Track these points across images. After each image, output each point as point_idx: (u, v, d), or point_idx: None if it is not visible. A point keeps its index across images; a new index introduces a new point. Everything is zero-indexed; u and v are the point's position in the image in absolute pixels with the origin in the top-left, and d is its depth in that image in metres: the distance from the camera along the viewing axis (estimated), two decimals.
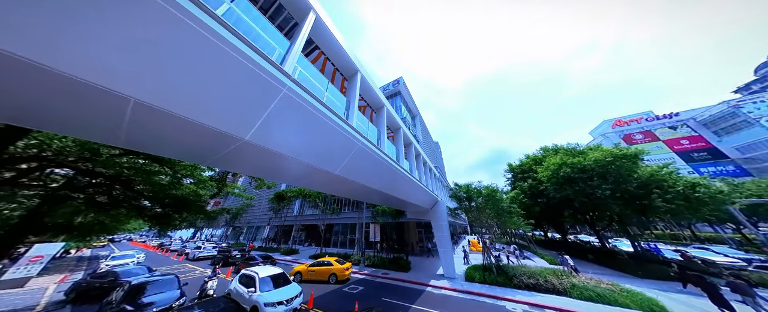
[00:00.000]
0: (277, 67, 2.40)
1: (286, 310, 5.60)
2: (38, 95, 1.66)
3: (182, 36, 1.69)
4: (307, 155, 3.59)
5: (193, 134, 2.38)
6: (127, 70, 1.65)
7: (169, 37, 1.66)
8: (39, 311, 6.89)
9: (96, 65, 1.56)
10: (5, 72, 1.44)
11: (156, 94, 1.84)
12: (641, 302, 6.34)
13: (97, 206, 4.99)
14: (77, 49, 1.46)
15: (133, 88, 1.73)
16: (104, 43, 1.51)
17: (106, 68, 1.59)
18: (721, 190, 9.54)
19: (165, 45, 1.68)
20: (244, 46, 2.03)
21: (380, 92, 6.77)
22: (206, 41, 1.79)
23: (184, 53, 1.77)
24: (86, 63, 1.53)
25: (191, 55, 1.81)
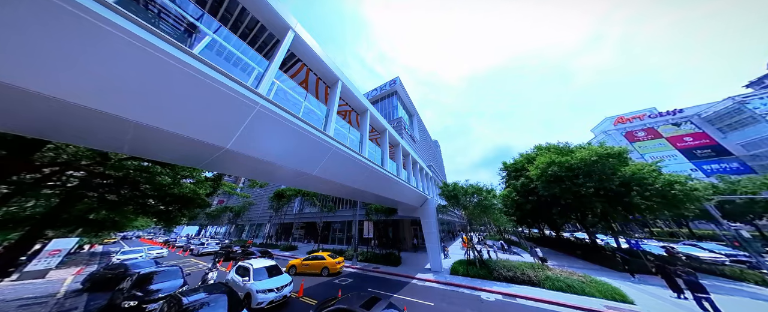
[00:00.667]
0: (250, 89, 2.91)
1: (275, 296, 6.23)
2: (62, 118, 2.22)
3: (170, 73, 2.21)
4: (284, 159, 4.13)
5: (184, 144, 2.93)
6: (127, 100, 2.19)
7: (160, 75, 2.18)
8: (59, 298, 7.69)
9: (103, 98, 2.10)
10: (45, 104, 1.99)
11: (150, 116, 2.38)
12: (606, 291, 6.80)
13: (108, 204, 5.65)
14: (90, 87, 2.00)
15: (132, 113, 2.27)
16: (107, 84, 2.05)
17: (111, 100, 2.13)
18: (695, 187, 9.79)
19: (156, 81, 2.21)
20: (219, 75, 2.55)
21: (363, 98, 7.24)
22: (187, 75, 2.32)
23: (170, 84, 2.30)
24: (96, 96, 2.07)
25: (176, 85, 2.34)
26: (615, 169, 11.50)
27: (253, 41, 4.83)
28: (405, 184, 9.46)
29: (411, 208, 12.81)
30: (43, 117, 2.13)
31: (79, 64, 1.85)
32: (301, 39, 4.78)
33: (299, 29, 4.67)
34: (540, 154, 18.61)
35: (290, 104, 4.27)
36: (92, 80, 1.97)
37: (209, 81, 2.45)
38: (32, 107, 1.97)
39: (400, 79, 30.74)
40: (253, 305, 5.90)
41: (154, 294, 6.02)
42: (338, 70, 6.00)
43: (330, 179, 5.58)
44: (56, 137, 2.64)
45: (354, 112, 7.76)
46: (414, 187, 10.74)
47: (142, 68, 2.09)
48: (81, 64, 1.86)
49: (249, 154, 3.48)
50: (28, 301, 7.28)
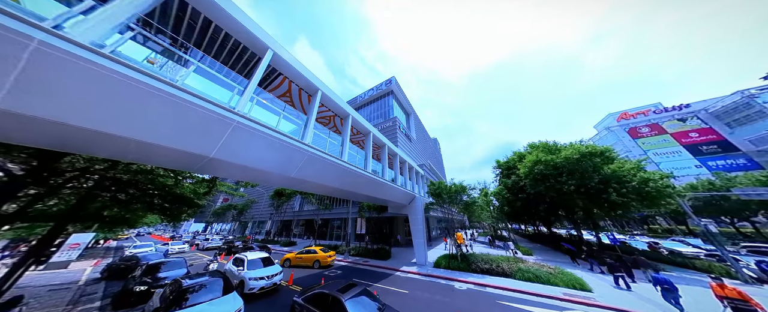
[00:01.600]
0: (226, 109, 3.56)
1: (266, 283, 7.02)
2: (81, 136, 2.91)
3: (159, 101, 2.87)
4: (263, 164, 4.80)
5: (175, 153, 3.61)
6: (127, 123, 2.87)
7: (151, 103, 2.84)
8: (81, 285, 8.72)
9: (110, 123, 2.77)
10: (69, 129, 2.67)
11: (146, 135, 3.05)
12: (569, 281, 7.35)
13: (119, 202, 6.48)
14: (101, 115, 2.68)
15: (132, 133, 2.95)
16: (113, 112, 2.72)
17: (116, 124, 2.81)
18: (668, 185, 10.06)
19: (149, 108, 2.87)
20: (198, 99, 3.19)
21: (344, 103, 7.82)
22: (172, 102, 2.96)
23: (160, 110, 2.96)
24: (105, 122, 2.74)
25: (164, 110, 2.99)
26: (596, 167, 11.81)
27: (237, 60, 5.46)
28: (389, 184, 10.07)
29: (400, 206, 13.45)
30: (67, 136, 2.82)
31: (91, 100, 2.52)
32: (280, 56, 5.39)
33: (277, 48, 5.28)
34: (530, 152, 18.92)
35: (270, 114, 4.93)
36: (102, 111, 2.64)
37: (190, 105, 3.10)
38: (62, 130, 2.66)
39: (396, 78, 31.05)
40: (245, 291, 6.69)
41: (161, 280, 6.88)
42: (318, 80, 6.59)
43: (310, 180, 6.25)
44: (78, 150, 3.37)
45: (338, 117, 8.37)
46: (400, 187, 11.33)
47: (137, 100, 2.75)
48: (91, 100, 2.53)
49: (231, 160, 4.16)
50: (55, 287, 8.33)
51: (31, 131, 2.60)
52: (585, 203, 11.85)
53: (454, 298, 6.75)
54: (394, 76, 30.77)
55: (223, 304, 4.77)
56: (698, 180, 23.41)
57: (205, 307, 4.50)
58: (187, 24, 4.47)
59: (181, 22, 4.43)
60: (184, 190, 7.18)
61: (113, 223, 7.96)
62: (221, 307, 4.64)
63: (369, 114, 31.47)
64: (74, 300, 6.88)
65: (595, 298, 6.44)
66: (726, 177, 21.03)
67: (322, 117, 8.54)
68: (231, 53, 5.34)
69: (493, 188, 22.19)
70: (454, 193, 11.39)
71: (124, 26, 3.41)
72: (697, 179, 23.54)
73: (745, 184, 18.68)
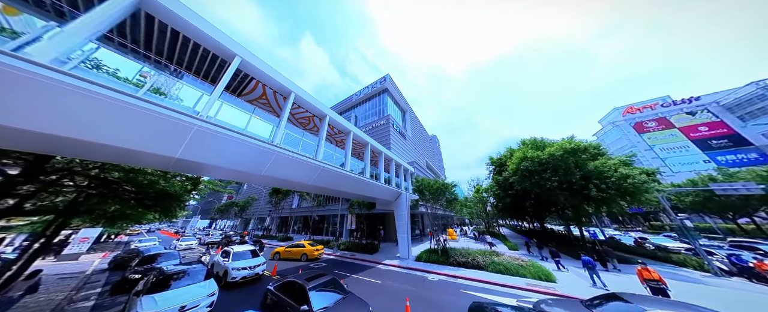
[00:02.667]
0: (187, 114, 3.95)
1: (248, 273, 7.61)
2: (64, 143, 3.37)
3: (124, 110, 3.28)
4: (233, 163, 5.23)
5: (149, 155, 4.06)
6: (100, 131, 3.30)
7: (118, 113, 3.26)
8: (87, 274, 9.57)
9: (85, 132, 3.21)
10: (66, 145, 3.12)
11: (121, 140, 3.49)
12: (536, 273, 7.63)
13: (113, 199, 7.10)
14: (73, 125, 3.11)
15: (110, 140, 3.39)
16: (84, 123, 3.15)
17: (89, 132, 3.24)
18: (644, 180, 10.03)
19: (115, 117, 3.29)
20: (154, 106, 3.57)
21: (320, 104, 8.15)
22: (128, 109, 3.38)
23: (126, 118, 3.38)
24: (80, 131, 3.18)
25: (129, 118, 3.41)
26: (579, 163, 11.83)
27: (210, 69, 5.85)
28: (371, 182, 10.43)
29: (387, 203, 13.82)
30: (49, 142, 3.27)
31: (49, 110, 2.95)
32: (249, 62, 5.75)
33: (245, 54, 5.63)
34: (520, 149, 18.86)
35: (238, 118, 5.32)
36: (60, 118, 3.06)
37: (145, 111, 3.50)
38: (33, 137, 3.11)
39: (391, 76, 31.03)
40: (228, 279, 7.28)
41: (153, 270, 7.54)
42: (290, 82, 6.93)
43: (285, 178, 6.68)
44: (64, 153, 3.86)
45: (317, 117, 8.73)
46: (383, 184, 11.69)
47: (104, 111, 3.17)
48: (49, 110, 2.96)
49: (199, 161, 4.60)
50: (64, 276, 9.19)
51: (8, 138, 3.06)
52: (567, 199, 11.94)
53: (422, 288, 7.15)
54: (388, 74, 30.76)
55: (200, 288, 5.32)
56: (699, 175, 22.84)
57: (181, 291, 5.04)
58: (157, 36, 4.86)
59: (151, 35, 4.83)
60: (173, 188, 7.73)
61: (114, 219, 8.65)
62: (196, 290, 5.20)
63: (365, 112, 31.71)
64: (78, 286, 7.65)
65: (556, 287, 6.72)
66: (727, 173, 20.46)
67: (302, 118, 8.92)
68: (202, 62, 5.73)
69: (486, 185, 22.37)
70: (435, 190, 11.67)
71: (95, 39, 3.80)
72: (698, 175, 22.95)
73: (745, 179, 18.16)
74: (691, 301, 3.65)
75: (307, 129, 9.71)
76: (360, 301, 4.69)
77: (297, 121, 9.14)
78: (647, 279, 5.25)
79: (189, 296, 4.95)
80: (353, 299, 4.77)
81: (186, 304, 4.74)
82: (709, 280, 7.49)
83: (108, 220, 8.85)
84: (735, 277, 7.70)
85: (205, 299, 5.13)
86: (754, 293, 6.43)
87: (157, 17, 4.40)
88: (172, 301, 4.66)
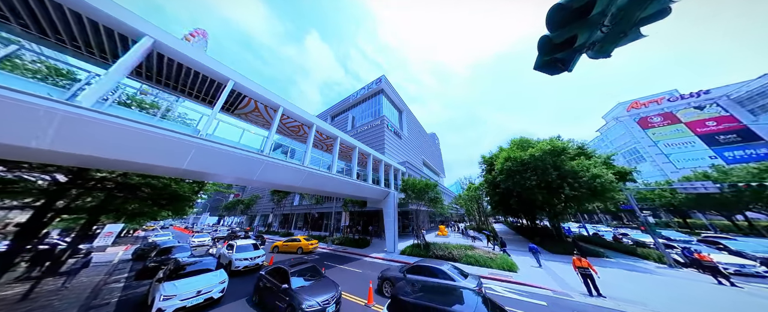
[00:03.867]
0: (190, 135, 5.01)
1: (249, 263, 8.85)
2: (97, 161, 4.49)
3: (140, 134, 4.35)
4: (227, 171, 6.30)
5: (162, 167, 5.17)
6: (132, 153, 4.39)
7: (135, 137, 4.33)
8: (115, 263, 11.12)
9: (114, 152, 4.31)
10: (97, 161, 4.23)
11: (140, 157, 4.58)
12: (502, 263, 8.54)
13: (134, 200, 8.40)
14: (104, 149, 4.20)
15: (132, 157, 4.48)
16: (113, 146, 4.24)
17: (117, 152, 4.34)
18: (612, 180, 10.57)
19: (133, 139, 4.37)
20: (162, 130, 4.63)
21: (307, 114, 9.11)
22: (153, 135, 4.45)
23: (142, 140, 4.45)
24: (112, 152, 4.28)
25: (143, 140, 4.49)
26: (557, 164, 12.42)
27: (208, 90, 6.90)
28: (358, 183, 11.43)
29: (376, 201, 14.86)
30: (89, 160, 4.39)
31: (102, 140, 4.04)
32: (240, 83, 6.76)
33: (237, 77, 6.63)
34: (506, 149, 19.41)
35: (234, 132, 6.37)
36: (108, 145, 4.15)
37: (157, 134, 4.56)
38: (85, 158, 4.22)
39: (387, 77, 31.58)
40: (232, 268, 8.54)
41: (168, 260, 8.87)
42: (278, 97, 7.92)
43: (275, 182, 7.76)
44: (97, 167, 5.01)
45: (305, 126, 9.73)
46: (369, 184, 12.68)
47: (128, 136, 4.25)
48: (101, 140, 4.05)
49: (200, 170, 5.69)
50: (96, 264, 10.75)
51: (64, 159, 4.19)
52: (544, 197, 12.62)
53: None
54: (383, 75, 31.33)
55: (213, 276, 6.20)
56: (694, 172, 22.75)
57: (197, 278, 5.92)
58: (166, 69, 5.93)
59: (161, 68, 5.90)
60: (183, 190, 8.99)
61: (133, 216, 10.06)
62: (210, 278, 6.08)
63: (362, 112, 32.56)
64: (110, 272, 9.10)
65: (513, 276, 7.62)
66: (722, 170, 20.40)
67: (292, 127, 9.94)
68: (202, 86, 6.78)
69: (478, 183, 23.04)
70: (419, 190, 12.58)
71: (123, 78, 4.87)
72: (694, 172, 22.84)
73: (738, 176, 18.17)
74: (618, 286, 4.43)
75: (298, 136, 10.73)
76: (332, 283, 5.75)
77: (288, 130, 10.16)
78: (579, 266, 6.07)
79: (204, 283, 5.76)
80: (326, 281, 5.83)
81: (201, 289, 5.58)
82: (660, 271, 8.20)
83: (129, 216, 10.31)
84: (688, 269, 8.35)
85: (218, 285, 5.95)
86: (682, 279, 7.19)
87: (166, 55, 5.44)
88: (189, 287, 5.47)
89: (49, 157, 4.07)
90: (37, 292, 6.38)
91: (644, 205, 27.66)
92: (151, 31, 4.93)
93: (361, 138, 28.52)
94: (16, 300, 5.79)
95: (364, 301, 5.89)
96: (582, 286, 6.11)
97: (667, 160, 40.76)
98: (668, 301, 5.60)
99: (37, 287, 6.50)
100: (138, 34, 4.81)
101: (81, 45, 5.21)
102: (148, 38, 4.87)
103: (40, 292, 6.46)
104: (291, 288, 5.10)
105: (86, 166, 4.83)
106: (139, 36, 4.83)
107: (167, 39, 5.17)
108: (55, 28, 4.77)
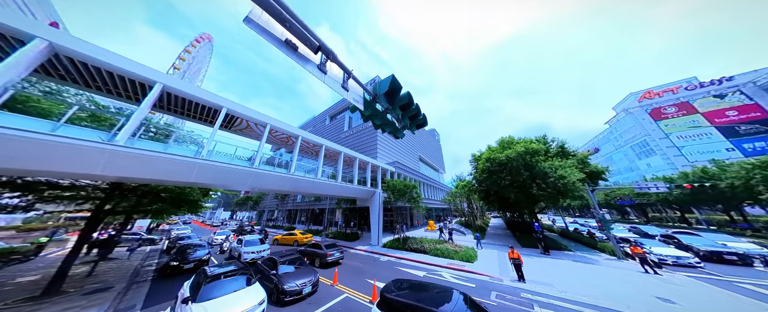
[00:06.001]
0: (190, 158, 6.59)
1: (256, 255, 10.71)
2: (133, 178, 6.19)
3: (155, 159, 5.97)
4: (225, 181, 7.93)
5: (176, 181, 6.85)
6: (153, 172, 6.05)
7: (149, 161, 5.95)
8: (146, 251, 13.56)
9: (140, 172, 5.97)
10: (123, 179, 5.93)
11: (159, 174, 6.24)
12: (463, 255, 9.80)
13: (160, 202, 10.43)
14: (140, 171, 5.86)
15: (154, 175, 6.15)
16: (141, 170, 5.88)
17: (143, 172, 6.00)
18: (573, 181, 11.21)
19: (147, 162, 6.00)
20: (179, 156, 6.24)
21: (292, 128, 10.55)
22: (167, 159, 6.05)
23: (161, 163, 6.08)
24: (141, 173, 5.94)
25: (162, 163, 6.11)
26: (529, 164, 13.18)
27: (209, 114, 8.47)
28: (342, 185, 12.89)
29: (364, 199, 16.39)
30: (121, 179, 6.10)
31: (131, 166, 5.69)
32: (232, 109, 8.26)
33: (229, 104, 8.13)
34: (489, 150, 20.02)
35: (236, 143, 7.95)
36: (135, 168, 5.81)
37: (169, 158, 6.17)
38: (120, 177, 5.92)
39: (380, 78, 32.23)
40: (241, 259, 10.44)
41: (187, 259, 10.08)
42: (265, 116, 9.38)
43: (267, 188, 9.38)
44: (128, 181, 6.78)
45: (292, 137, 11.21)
46: (355, 185, 14.13)
47: (149, 161, 5.88)
48: (130, 166, 5.70)
49: (204, 181, 7.34)
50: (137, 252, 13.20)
51: (105, 178, 5.92)
52: (516, 195, 13.52)
53: (368, 265, 9.71)
54: (377, 75, 32.01)
55: (248, 294, 5.03)
56: (693, 167, 22.24)
57: (230, 298, 4.79)
58: (174, 102, 7.52)
59: (171, 102, 7.50)
60: (193, 195, 10.93)
61: (157, 213, 12.25)
62: (245, 296, 4.91)
63: (357, 113, 33.77)
64: (144, 258, 11.38)
65: (466, 266, 8.89)
66: (721, 165, 19.95)
67: (281, 138, 11.45)
68: (203, 112, 8.36)
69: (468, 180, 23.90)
70: (399, 190, 13.89)
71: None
72: (693, 167, 22.30)
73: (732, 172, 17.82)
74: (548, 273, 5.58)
75: (288, 146, 12.27)
76: (312, 270, 7.27)
77: (278, 141, 11.70)
78: (511, 257, 7.23)
79: (239, 304, 4.61)
80: (307, 269, 7.36)
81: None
82: (606, 262, 9.13)
83: (154, 214, 12.51)
84: (633, 260, 9.21)
85: (257, 308, 4.74)
86: (615, 268, 8.16)
87: (172, 93, 6.99)
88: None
89: (96, 178, 5.80)
90: (96, 271, 8.55)
91: (644, 200, 27.32)
92: (161, 78, 6.46)
93: (356, 138, 29.88)
94: (85, 275, 7.94)
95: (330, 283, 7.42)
96: (514, 273, 7.31)
97: (679, 153, 38.93)
98: (576, 283, 6.70)
99: (96, 268, 8.67)
100: (152, 81, 6.35)
101: (113, 90, 6.85)
102: (159, 84, 6.40)
103: (98, 271, 8.63)
104: (278, 273, 6.67)
105: (120, 181, 6.59)
106: (153, 83, 6.37)
107: (173, 82, 6.69)
108: (95, 79, 6.40)
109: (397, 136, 3.34)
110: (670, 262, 8.56)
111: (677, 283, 6.74)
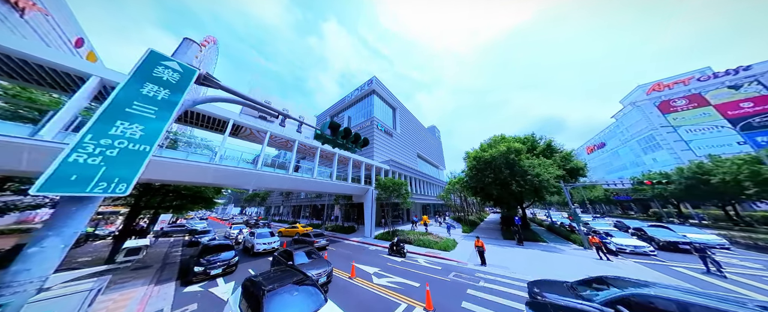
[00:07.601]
0: (204, 164, 8.09)
1: (267, 246, 12.20)
2: (157, 179, 7.76)
3: (181, 166, 7.48)
4: (234, 181, 9.45)
5: (195, 182, 8.40)
6: (178, 176, 7.60)
7: (176, 167, 7.47)
8: (170, 241, 15.67)
9: (162, 175, 7.52)
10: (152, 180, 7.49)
11: (182, 177, 7.78)
12: (443, 245, 11.02)
13: (181, 198, 12.24)
14: (161, 175, 7.41)
15: (178, 178, 7.69)
16: (162, 173, 7.42)
17: (170, 176, 7.54)
18: (547, 179, 11.99)
19: (176, 168, 7.52)
20: (196, 162, 7.73)
21: (289, 133, 11.95)
22: (188, 164, 7.56)
23: (184, 168, 7.60)
24: (168, 176, 7.48)
25: (184, 168, 7.62)
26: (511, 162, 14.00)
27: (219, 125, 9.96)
28: (337, 183, 14.30)
29: (358, 196, 17.82)
30: (153, 179, 7.68)
31: (162, 171, 7.23)
32: (237, 120, 9.69)
33: (234, 116, 9.55)
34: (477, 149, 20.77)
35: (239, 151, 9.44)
36: (164, 172, 7.35)
37: (189, 164, 7.66)
38: (151, 179, 7.49)
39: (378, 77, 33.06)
40: (254, 251, 12.06)
41: (214, 263, 10.92)
42: (266, 123, 10.79)
43: (269, 186, 10.89)
44: (156, 182, 8.39)
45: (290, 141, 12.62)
46: (349, 183, 15.50)
47: (175, 167, 7.41)
48: (161, 171, 7.24)
49: (217, 182, 8.87)
50: (157, 242, 15.33)
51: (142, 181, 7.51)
52: (499, 192, 14.47)
53: (357, 253, 11.13)
54: (374, 76, 32.83)
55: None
56: (690, 162, 22.12)
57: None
58: (192, 117, 9.01)
59: (188, 117, 8.98)
60: (208, 192, 12.67)
61: (178, 208, 14.18)
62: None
63: (356, 112, 34.87)
64: (170, 247, 13.38)
65: (442, 254, 10.13)
66: (717, 159, 19.88)
67: (281, 142, 12.89)
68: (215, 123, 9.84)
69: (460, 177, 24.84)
70: (388, 188, 15.15)
71: None
72: (689, 162, 22.15)
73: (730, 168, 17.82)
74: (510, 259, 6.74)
75: (287, 148, 13.72)
76: (326, 261, 7.95)
77: (279, 144, 13.16)
78: (476, 246, 8.41)
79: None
80: (321, 260, 8.22)
81: None
82: (570, 251, 10.10)
83: (176, 209, 14.46)
84: None
85: None
86: (576, 257, 9.12)
87: (192, 110, 8.46)
88: None
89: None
90: None
91: (640, 195, 27.32)
92: None
93: None
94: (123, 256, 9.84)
95: None
96: (478, 259, 8.49)
97: (687, 147, 37.81)
98: (529, 267, 7.81)
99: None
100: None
101: None
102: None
103: None
104: (294, 262, 7.97)
105: (150, 182, 8.21)
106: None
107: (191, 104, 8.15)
108: None
109: (352, 151, 4.54)
110: (628, 251, 9.45)
111: (621, 267, 7.71)
